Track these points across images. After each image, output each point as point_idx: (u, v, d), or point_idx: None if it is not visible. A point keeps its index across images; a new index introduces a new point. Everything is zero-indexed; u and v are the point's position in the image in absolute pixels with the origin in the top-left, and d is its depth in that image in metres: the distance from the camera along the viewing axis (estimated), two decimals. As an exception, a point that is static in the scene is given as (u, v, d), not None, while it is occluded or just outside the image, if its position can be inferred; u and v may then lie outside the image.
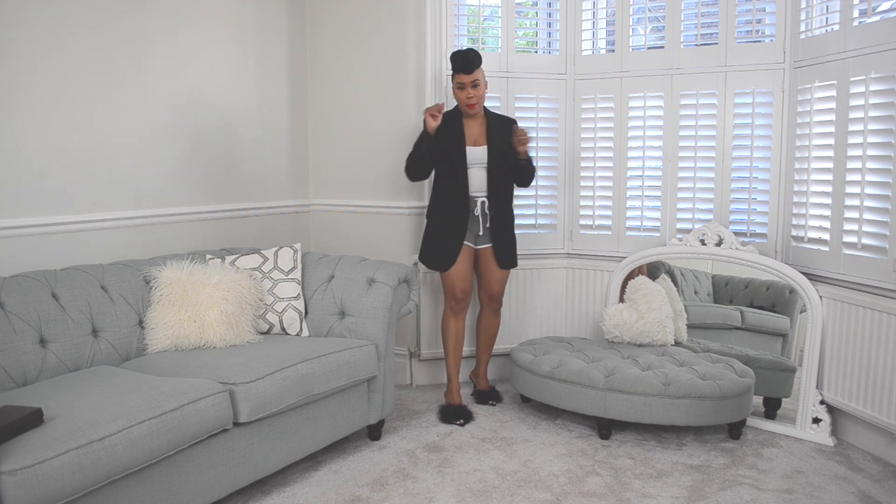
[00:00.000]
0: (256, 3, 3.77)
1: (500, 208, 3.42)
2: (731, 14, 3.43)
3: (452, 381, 3.48)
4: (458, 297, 3.44)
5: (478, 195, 3.39)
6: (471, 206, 3.39)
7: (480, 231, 3.42)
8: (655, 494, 2.64)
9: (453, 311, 3.48)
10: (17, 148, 2.77)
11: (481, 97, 3.35)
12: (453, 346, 3.50)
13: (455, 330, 3.49)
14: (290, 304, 3.10)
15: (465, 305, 3.49)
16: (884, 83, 2.79)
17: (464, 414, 3.35)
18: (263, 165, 3.87)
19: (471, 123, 3.41)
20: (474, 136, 3.40)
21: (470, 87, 3.30)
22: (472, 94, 3.31)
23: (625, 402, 3.04)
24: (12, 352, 2.41)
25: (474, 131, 3.41)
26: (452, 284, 3.43)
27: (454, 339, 3.49)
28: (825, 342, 3.14)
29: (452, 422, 3.32)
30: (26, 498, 1.80)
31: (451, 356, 3.50)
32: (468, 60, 3.27)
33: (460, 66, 3.28)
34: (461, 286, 3.43)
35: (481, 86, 3.34)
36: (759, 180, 3.45)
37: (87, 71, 2.99)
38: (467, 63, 3.27)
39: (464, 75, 3.29)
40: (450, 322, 3.49)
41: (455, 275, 3.42)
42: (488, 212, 3.39)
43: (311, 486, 2.71)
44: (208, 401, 2.32)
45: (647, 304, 3.45)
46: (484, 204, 3.39)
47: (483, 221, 3.41)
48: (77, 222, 2.97)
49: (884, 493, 2.65)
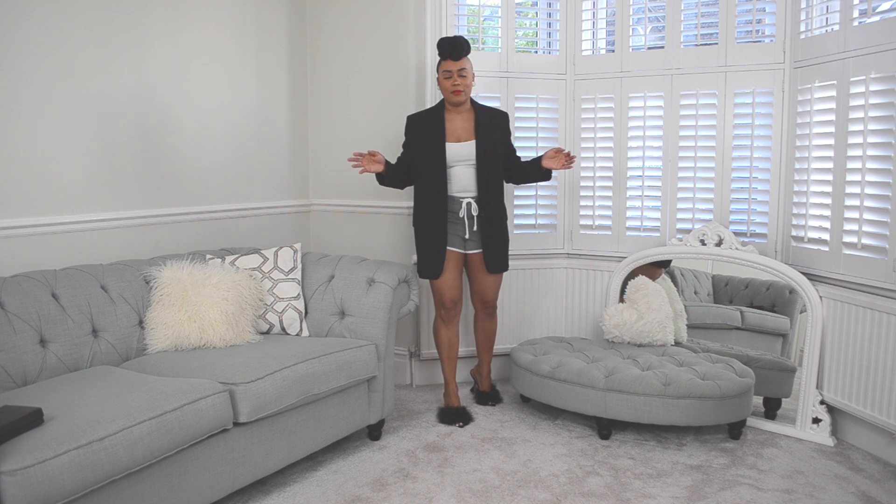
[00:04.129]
0: (256, 3, 3.77)
1: (489, 209, 3.28)
2: (731, 14, 3.43)
3: (450, 384, 3.44)
4: (448, 306, 3.36)
5: (463, 196, 3.26)
6: (454, 208, 3.27)
7: (467, 234, 3.28)
8: (655, 494, 2.64)
9: (443, 319, 3.40)
10: (17, 148, 2.77)
11: (468, 87, 3.21)
12: (447, 353, 3.44)
13: (447, 338, 3.42)
14: (290, 304, 3.10)
15: (455, 314, 3.41)
16: (884, 83, 2.79)
17: (463, 416, 3.33)
18: (263, 165, 3.87)
19: (454, 119, 3.26)
20: (458, 131, 3.25)
21: (457, 75, 3.17)
22: (458, 82, 3.17)
23: (625, 402, 3.04)
24: (12, 352, 2.41)
25: (458, 127, 3.25)
26: (441, 294, 3.35)
27: (447, 347, 3.43)
28: (825, 342, 3.14)
29: (452, 423, 3.30)
30: (26, 498, 1.80)
31: (447, 362, 3.45)
32: (456, 46, 3.15)
33: (447, 52, 3.16)
34: (450, 295, 3.34)
35: (468, 76, 3.21)
36: (759, 180, 3.45)
37: (87, 71, 2.99)
38: (455, 49, 3.15)
39: (451, 62, 3.17)
40: (441, 331, 3.42)
41: (443, 284, 3.32)
42: (475, 214, 3.27)
43: (311, 486, 2.71)
44: (208, 401, 2.32)
45: (647, 304, 3.45)
46: (470, 205, 3.26)
47: (469, 224, 3.27)
48: (77, 222, 2.97)
49: (884, 493, 2.65)
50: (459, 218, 3.28)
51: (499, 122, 3.34)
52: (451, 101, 3.24)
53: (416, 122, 3.32)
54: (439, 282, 3.34)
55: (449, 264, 3.32)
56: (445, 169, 3.23)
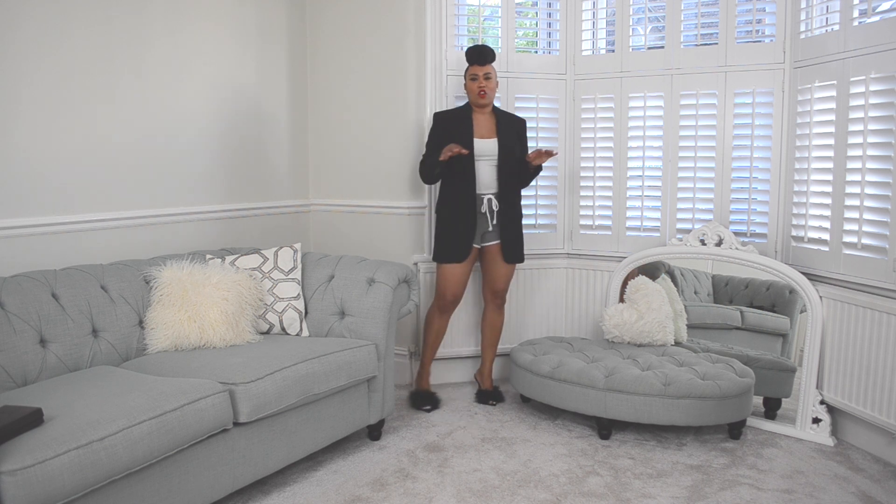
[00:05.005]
0: (256, 3, 3.77)
1: (508, 204, 3.45)
2: (731, 14, 3.43)
3: (425, 367, 3.62)
4: (448, 299, 3.50)
5: (484, 193, 3.43)
6: (477, 204, 3.42)
7: (489, 227, 3.45)
8: (655, 494, 2.64)
9: (440, 309, 3.55)
10: (17, 148, 2.77)
11: (492, 89, 3.43)
12: (433, 340, 3.59)
13: (438, 326, 3.57)
14: (290, 304, 3.09)
15: (452, 308, 3.55)
16: (884, 83, 2.79)
17: (431, 400, 3.49)
18: (263, 165, 3.87)
19: (479, 118, 3.46)
20: (482, 130, 3.45)
21: (482, 78, 3.41)
22: (483, 85, 3.40)
23: (625, 402, 3.04)
24: (12, 352, 2.41)
25: (482, 125, 3.46)
26: (445, 286, 3.48)
27: (435, 335, 3.59)
28: (825, 342, 3.14)
29: (420, 407, 3.47)
30: (26, 498, 1.80)
31: (429, 348, 3.61)
32: (483, 53, 3.40)
33: (475, 58, 3.41)
34: (453, 290, 3.48)
35: (493, 79, 3.43)
36: (759, 180, 3.45)
37: (87, 71, 2.99)
38: (482, 55, 3.40)
39: (478, 66, 3.41)
40: (434, 318, 3.56)
41: (450, 277, 3.46)
42: (495, 208, 3.43)
43: (311, 486, 2.71)
44: (208, 401, 2.32)
45: (647, 304, 3.45)
46: (491, 201, 3.43)
47: (490, 218, 3.44)
48: (77, 222, 2.97)
49: (884, 493, 2.65)
50: (482, 213, 3.44)
51: (517, 127, 3.55)
52: (476, 102, 3.46)
53: (445, 119, 3.51)
54: (447, 274, 3.46)
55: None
56: (474, 162, 3.39)
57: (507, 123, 3.49)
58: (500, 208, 3.44)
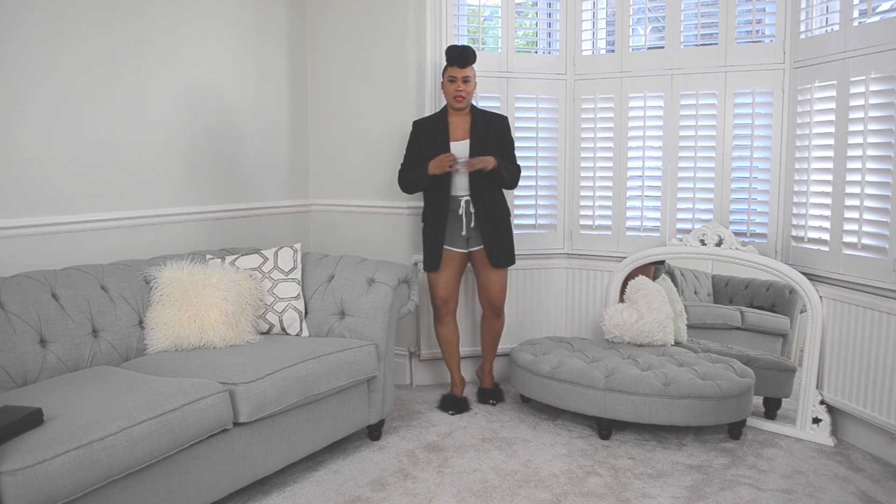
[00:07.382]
0: (256, 3, 3.77)
1: (485, 206, 3.36)
2: (731, 14, 3.43)
3: (454, 375, 3.61)
4: (437, 303, 3.49)
5: (461, 195, 3.37)
6: (453, 207, 3.37)
7: (463, 231, 3.39)
8: (655, 494, 2.64)
9: (437, 317, 3.54)
10: (17, 148, 2.77)
11: (470, 93, 3.36)
12: (448, 349, 3.58)
13: (445, 335, 3.55)
14: (290, 304, 3.10)
15: (446, 312, 3.51)
16: (884, 83, 2.79)
17: (457, 405, 3.46)
18: (263, 165, 3.87)
19: (455, 120, 3.40)
20: (458, 132, 3.39)
21: (461, 81, 3.32)
22: (461, 88, 3.32)
23: (625, 402, 3.04)
24: (12, 352, 2.41)
25: (458, 128, 3.39)
26: (432, 292, 3.50)
27: (447, 343, 3.57)
28: (825, 342, 3.14)
29: (445, 410, 3.45)
30: (26, 498, 1.80)
31: (449, 357, 3.60)
32: (464, 55, 3.30)
33: (455, 59, 3.31)
34: (440, 293, 3.47)
35: (472, 82, 3.36)
36: (759, 180, 3.45)
37: (87, 71, 2.99)
38: (462, 57, 3.30)
39: (457, 68, 3.32)
40: (437, 328, 3.57)
41: (436, 280, 3.46)
42: (472, 211, 3.36)
43: (311, 486, 2.71)
44: (208, 401, 2.32)
45: (647, 304, 3.45)
46: (468, 203, 3.37)
47: (467, 221, 3.38)
48: (77, 222, 2.97)
49: (884, 493, 2.65)
50: (458, 216, 3.39)
51: (495, 125, 3.43)
52: (452, 105, 3.39)
53: (423, 127, 3.46)
54: (435, 278, 3.46)
55: (448, 263, 3.44)
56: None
57: (484, 123, 3.39)
58: (476, 210, 3.36)
